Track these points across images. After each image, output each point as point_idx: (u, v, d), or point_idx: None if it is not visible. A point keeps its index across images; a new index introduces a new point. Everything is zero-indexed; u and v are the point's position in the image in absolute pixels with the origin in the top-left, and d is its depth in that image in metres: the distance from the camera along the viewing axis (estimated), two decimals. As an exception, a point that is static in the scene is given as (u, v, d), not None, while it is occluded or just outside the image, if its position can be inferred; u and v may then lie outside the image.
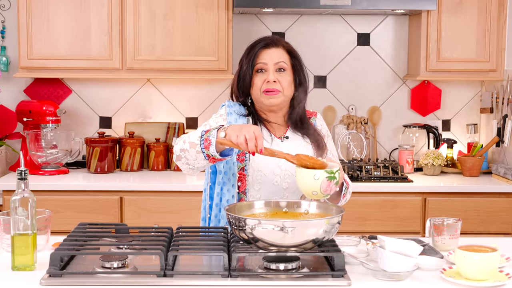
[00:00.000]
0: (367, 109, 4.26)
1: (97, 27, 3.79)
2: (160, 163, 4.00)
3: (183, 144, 2.22)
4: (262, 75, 2.38)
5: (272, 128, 2.44)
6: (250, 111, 2.44)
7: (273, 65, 2.37)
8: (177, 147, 2.26)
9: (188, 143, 2.19)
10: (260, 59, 2.38)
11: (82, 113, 4.18)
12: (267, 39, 2.43)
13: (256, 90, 2.38)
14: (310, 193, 2.10)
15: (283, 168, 2.38)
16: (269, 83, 2.36)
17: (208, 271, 1.97)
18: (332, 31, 4.20)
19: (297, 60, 2.43)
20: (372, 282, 1.94)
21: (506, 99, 3.89)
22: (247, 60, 2.39)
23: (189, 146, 2.18)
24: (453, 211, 3.63)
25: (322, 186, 2.07)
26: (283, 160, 2.36)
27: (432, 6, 3.72)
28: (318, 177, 2.07)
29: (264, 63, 2.37)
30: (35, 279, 1.94)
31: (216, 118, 2.42)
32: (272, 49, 2.39)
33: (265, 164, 2.37)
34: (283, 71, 2.38)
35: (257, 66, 2.38)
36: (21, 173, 2.01)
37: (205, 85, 4.19)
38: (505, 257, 2.15)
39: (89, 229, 2.29)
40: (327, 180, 2.07)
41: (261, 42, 2.41)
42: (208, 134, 2.14)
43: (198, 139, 2.16)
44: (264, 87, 2.36)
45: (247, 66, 2.38)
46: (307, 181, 2.08)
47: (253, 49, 2.40)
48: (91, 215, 3.56)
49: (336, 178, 2.09)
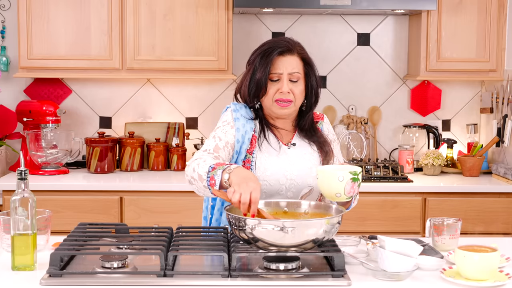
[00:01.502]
0: (367, 109, 4.26)
1: (97, 27, 3.79)
2: (160, 163, 4.00)
3: (192, 172, 2.18)
4: (275, 84, 2.34)
5: (280, 134, 2.42)
6: (257, 115, 2.41)
7: (287, 75, 2.33)
8: (189, 171, 2.21)
9: (197, 174, 2.16)
10: (274, 68, 2.33)
11: (82, 113, 4.18)
12: (282, 45, 2.35)
13: (268, 98, 2.35)
14: (333, 195, 2.09)
15: (288, 177, 2.36)
16: (283, 93, 2.33)
17: (208, 271, 1.97)
18: (332, 31, 4.20)
19: (311, 67, 2.39)
20: (372, 282, 1.94)
21: (506, 99, 3.89)
22: (261, 67, 2.33)
23: (198, 178, 2.15)
24: (453, 211, 3.63)
25: (346, 187, 2.07)
26: (290, 169, 2.36)
27: (432, 6, 3.72)
28: (343, 178, 2.06)
29: (279, 74, 2.33)
30: (35, 279, 1.93)
31: (224, 127, 2.37)
32: (287, 57, 2.34)
33: (271, 174, 2.35)
34: (296, 81, 2.35)
35: (272, 76, 2.33)
36: (21, 173, 2.01)
37: (205, 85, 4.19)
38: (505, 257, 2.15)
39: (89, 229, 2.29)
40: (351, 182, 2.07)
41: (276, 49, 2.34)
42: (214, 173, 2.10)
43: (205, 174, 2.13)
44: (276, 97, 2.33)
45: (262, 74, 2.33)
46: (331, 183, 2.07)
47: (268, 56, 2.33)
48: (91, 215, 3.56)
49: (359, 180, 2.09)
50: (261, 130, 2.39)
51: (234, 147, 2.35)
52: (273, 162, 2.36)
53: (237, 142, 2.35)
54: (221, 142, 2.32)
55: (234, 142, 2.35)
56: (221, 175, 2.07)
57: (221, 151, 2.31)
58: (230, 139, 2.34)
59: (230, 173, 2.06)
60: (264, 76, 2.33)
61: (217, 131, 2.37)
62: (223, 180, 2.06)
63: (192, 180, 2.19)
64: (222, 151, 2.31)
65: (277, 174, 2.35)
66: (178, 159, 3.99)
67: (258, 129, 2.39)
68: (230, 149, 2.34)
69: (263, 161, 2.35)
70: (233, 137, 2.35)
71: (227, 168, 2.08)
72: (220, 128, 2.38)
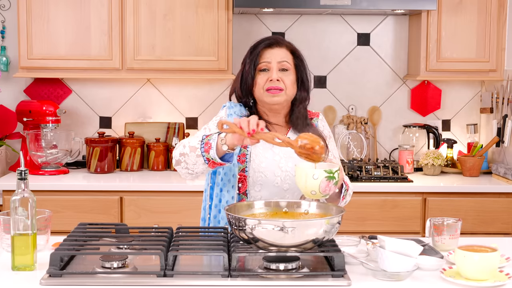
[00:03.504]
0: (367, 109, 4.26)
1: (97, 27, 3.79)
2: (160, 163, 4.00)
3: (183, 149, 2.21)
4: (265, 74, 2.37)
5: (274, 129, 2.43)
6: (251, 112, 2.43)
7: (276, 64, 2.36)
8: (177, 151, 2.25)
9: (188, 147, 2.19)
10: (263, 58, 2.37)
11: (82, 113, 4.18)
12: (270, 38, 2.42)
13: (258, 88, 2.37)
14: (309, 192, 2.10)
15: (284, 169, 2.38)
16: (272, 81, 2.35)
17: (208, 271, 1.97)
18: (332, 31, 4.20)
19: (300, 60, 2.43)
20: (372, 282, 1.94)
21: (506, 99, 3.89)
22: (250, 60, 2.38)
23: (189, 150, 2.18)
24: (453, 211, 3.63)
25: (321, 186, 2.07)
26: (284, 161, 2.37)
27: (432, 6, 3.72)
28: (317, 176, 2.07)
29: (267, 62, 2.37)
30: (35, 279, 1.93)
31: (216, 120, 2.41)
32: (275, 49, 2.39)
33: (266, 165, 2.37)
34: (286, 70, 2.38)
35: (260, 65, 2.37)
36: (21, 173, 2.01)
37: (205, 85, 4.19)
38: (505, 257, 2.15)
39: (89, 229, 2.29)
40: (326, 180, 2.07)
41: (264, 42, 2.40)
42: (208, 138, 2.14)
43: (198, 143, 2.16)
44: (267, 86, 2.36)
45: (250, 66, 2.37)
46: (306, 181, 2.08)
47: (256, 48, 2.39)
48: (91, 215, 3.56)
49: (335, 178, 2.09)
50: None
51: None
52: (267, 155, 2.38)
53: None
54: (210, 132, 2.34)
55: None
56: (217, 137, 2.13)
57: None
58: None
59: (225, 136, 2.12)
60: (253, 66, 2.37)
61: (209, 123, 2.42)
62: (219, 139, 2.11)
63: (182, 157, 2.21)
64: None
65: (272, 166, 2.37)
66: (178, 159, 3.99)
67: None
68: None
69: (258, 155, 2.38)
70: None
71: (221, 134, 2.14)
72: (212, 122, 2.43)
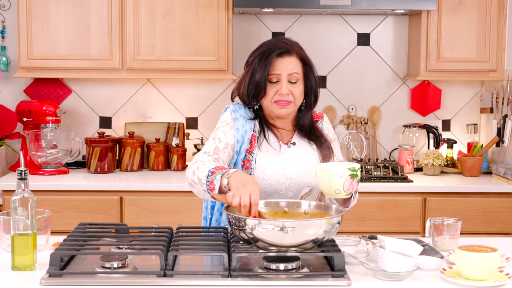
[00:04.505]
0: (367, 109, 4.26)
1: (97, 27, 3.79)
2: (160, 163, 4.00)
3: (192, 176, 2.19)
4: (274, 85, 2.34)
5: (280, 133, 2.42)
6: (257, 115, 2.41)
7: (286, 76, 2.33)
8: (189, 174, 2.22)
9: (197, 177, 2.16)
10: (273, 69, 2.33)
11: (82, 113, 4.18)
12: (281, 46, 2.35)
13: (267, 100, 2.35)
14: (333, 192, 2.09)
15: (288, 177, 2.36)
16: (282, 95, 2.33)
17: (208, 271, 1.97)
18: (332, 31, 4.20)
19: (310, 67, 2.39)
20: (372, 282, 1.94)
21: (506, 99, 3.89)
22: (260, 69, 2.33)
23: (198, 181, 2.16)
24: (453, 211, 3.63)
25: (345, 184, 2.07)
26: (289, 168, 2.37)
27: (432, 6, 3.72)
28: (341, 175, 2.06)
29: (277, 75, 2.33)
30: (35, 279, 1.94)
31: (224, 128, 2.37)
32: (285, 58, 2.34)
33: (271, 173, 2.35)
34: (295, 82, 2.35)
35: (271, 77, 2.33)
36: (21, 173, 2.01)
37: (205, 85, 4.19)
38: (505, 257, 2.15)
39: (89, 229, 2.29)
40: (350, 178, 2.07)
41: (275, 51, 2.33)
42: (213, 177, 2.10)
43: (204, 178, 2.13)
44: (276, 98, 2.34)
45: (261, 76, 2.32)
46: (330, 180, 2.07)
47: (267, 58, 2.33)
48: (91, 215, 3.56)
49: (358, 176, 2.09)
50: (260, 129, 2.39)
51: (234, 148, 2.35)
52: (272, 161, 2.36)
53: (237, 142, 2.35)
54: (221, 143, 2.32)
55: (234, 142, 2.35)
56: (220, 180, 2.08)
57: (221, 153, 2.31)
58: (230, 140, 2.34)
59: (229, 178, 2.06)
60: (263, 78, 2.32)
61: (217, 132, 2.37)
62: (222, 185, 2.07)
63: (193, 183, 2.19)
64: (222, 153, 2.31)
65: (277, 174, 2.35)
66: (178, 159, 3.99)
67: (257, 129, 2.40)
68: (230, 150, 2.34)
69: (263, 161, 2.35)
70: (233, 137, 2.35)
71: (226, 173, 2.08)
72: (220, 129, 2.38)
